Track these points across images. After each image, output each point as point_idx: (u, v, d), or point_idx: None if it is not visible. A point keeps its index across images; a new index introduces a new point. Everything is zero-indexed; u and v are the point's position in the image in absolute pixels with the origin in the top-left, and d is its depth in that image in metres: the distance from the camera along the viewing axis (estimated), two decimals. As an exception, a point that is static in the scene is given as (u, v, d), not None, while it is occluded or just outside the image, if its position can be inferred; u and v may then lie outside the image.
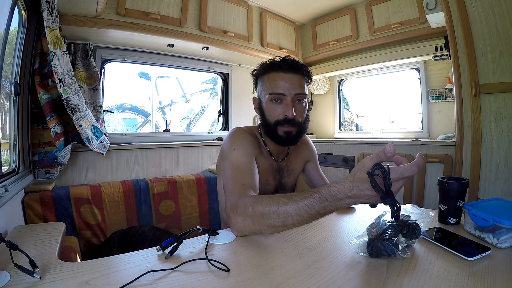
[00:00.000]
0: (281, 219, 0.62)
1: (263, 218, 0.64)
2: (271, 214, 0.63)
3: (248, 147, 0.87)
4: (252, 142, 0.90)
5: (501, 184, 1.43)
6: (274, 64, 0.89)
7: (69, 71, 1.43)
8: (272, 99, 0.88)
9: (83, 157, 1.70)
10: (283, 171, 1.01)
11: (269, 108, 0.89)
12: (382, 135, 2.44)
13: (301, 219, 0.61)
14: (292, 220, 0.61)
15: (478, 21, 1.44)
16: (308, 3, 2.34)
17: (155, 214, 1.73)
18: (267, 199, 0.65)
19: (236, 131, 0.92)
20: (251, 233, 0.68)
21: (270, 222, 0.63)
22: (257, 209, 0.65)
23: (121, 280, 0.48)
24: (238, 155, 0.84)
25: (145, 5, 1.69)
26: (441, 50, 1.88)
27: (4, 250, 0.57)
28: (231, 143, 0.87)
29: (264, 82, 0.91)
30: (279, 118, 0.87)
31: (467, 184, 0.75)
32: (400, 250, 0.56)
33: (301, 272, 0.52)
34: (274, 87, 0.87)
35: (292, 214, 0.61)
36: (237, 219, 0.67)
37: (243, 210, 0.67)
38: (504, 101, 1.41)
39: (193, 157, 2.16)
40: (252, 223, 0.65)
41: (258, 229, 0.66)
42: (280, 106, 0.87)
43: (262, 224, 0.64)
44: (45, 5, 1.25)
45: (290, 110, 0.86)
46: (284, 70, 0.87)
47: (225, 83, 2.52)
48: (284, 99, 0.87)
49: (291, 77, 0.87)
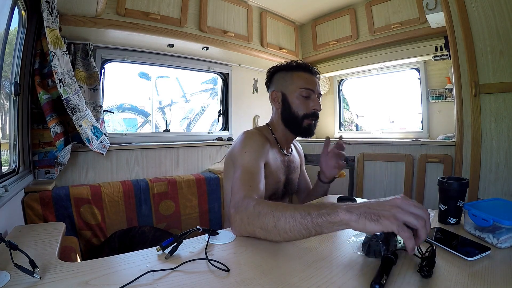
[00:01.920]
0: (275, 220, 0.60)
1: (259, 218, 0.63)
2: (267, 215, 0.62)
3: (259, 151, 0.91)
4: (263, 144, 0.94)
5: (501, 184, 1.43)
6: (302, 65, 1.01)
7: (69, 71, 1.43)
8: (302, 94, 0.98)
9: (83, 157, 1.70)
10: (290, 166, 1.08)
11: (298, 102, 0.98)
12: (382, 135, 2.44)
13: (293, 224, 0.57)
14: (285, 225, 0.58)
15: (478, 21, 1.44)
16: (308, 3, 2.34)
17: (155, 214, 1.73)
18: (270, 202, 0.66)
19: (247, 135, 0.96)
20: (246, 233, 0.67)
21: (263, 223, 0.62)
22: (257, 209, 0.65)
23: (121, 280, 0.48)
24: (248, 157, 0.87)
25: (145, 5, 1.69)
26: (441, 50, 1.88)
27: (4, 250, 0.57)
28: (243, 146, 0.91)
29: (292, 78, 1.00)
30: (308, 112, 0.98)
31: (467, 184, 0.75)
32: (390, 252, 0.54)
33: (301, 272, 0.52)
34: (306, 84, 0.98)
35: (286, 216, 0.59)
36: (236, 217, 0.68)
37: (244, 209, 0.67)
38: (504, 101, 1.41)
39: (193, 157, 2.17)
40: (247, 223, 0.65)
41: (252, 229, 0.65)
42: (310, 101, 0.98)
43: (256, 225, 0.63)
44: (45, 5, 1.25)
45: (319, 105, 0.99)
46: (312, 72, 1.02)
47: (225, 83, 2.52)
48: (311, 95, 0.99)
49: (314, 79, 1.01)
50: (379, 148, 2.05)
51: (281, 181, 1.03)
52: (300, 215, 0.57)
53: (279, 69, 1.04)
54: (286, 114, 1.01)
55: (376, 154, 2.05)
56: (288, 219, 0.58)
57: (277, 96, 1.02)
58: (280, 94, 1.01)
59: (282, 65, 1.04)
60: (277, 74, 1.04)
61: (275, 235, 0.61)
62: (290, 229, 0.58)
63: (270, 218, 0.61)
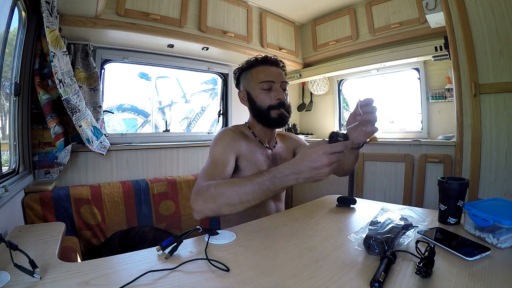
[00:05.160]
0: (239, 196, 0.70)
1: (224, 197, 0.72)
2: (231, 193, 0.71)
3: (228, 144, 0.95)
4: (233, 138, 0.98)
5: (501, 184, 1.42)
6: (259, 59, 1.03)
7: (69, 71, 1.43)
8: (263, 87, 1.00)
9: (83, 158, 1.70)
10: (277, 160, 1.07)
11: (261, 96, 1.00)
12: (382, 135, 2.44)
13: (255, 195, 0.70)
14: (247, 197, 0.70)
15: (478, 21, 1.45)
16: (308, 3, 2.34)
17: (155, 215, 1.73)
18: (228, 181, 0.77)
19: (221, 131, 1.03)
20: (211, 213, 0.74)
21: (229, 200, 0.71)
22: (219, 189, 0.73)
23: (121, 280, 0.48)
24: (217, 151, 0.94)
25: (145, 5, 1.69)
26: (440, 50, 1.88)
27: (4, 250, 0.57)
28: (214, 141, 0.98)
29: (252, 75, 1.03)
30: (272, 103, 0.99)
31: (467, 184, 0.75)
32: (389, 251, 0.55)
33: (301, 272, 0.52)
34: (264, 77, 1.00)
35: (247, 192, 0.70)
36: (199, 199, 0.75)
37: (205, 191, 0.75)
38: (504, 101, 1.41)
39: (193, 157, 2.17)
40: (213, 202, 0.73)
41: (218, 208, 0.73)
42: (271, 92, 1.00)
43: (222, 203, 0.72)
44: (45, 6, 1.25)
45: (282, 94, 0.99)
46: (270, 64, 1.03)
47: (225, 84, 2.52)
48: (273, 86, 1.00)
49: (275, 69, 1.03)
50: (379, 148, 2.05)
51: None
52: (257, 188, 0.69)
53: (242, 69, 1.07)
54: (254, 111, 1.03)
55: (376, 154, 2.05)
56: (250, 195, 0.70)
57: (244, 96, 1.06)
58: (245, 93, 1.05)
59: (243, 65, 1.07)
60: (242, 74, 1.07)
61: (241, 207, 0.72)
62: (253, 199, 0.70)
63: (234, 194, 0.71)
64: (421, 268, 0.48)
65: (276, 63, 1.05)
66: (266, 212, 1.02)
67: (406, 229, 0.63)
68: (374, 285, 0.44)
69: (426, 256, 0.51)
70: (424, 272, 0.48)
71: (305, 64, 2.77)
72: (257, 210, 0.95)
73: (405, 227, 0.63)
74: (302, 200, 2.35)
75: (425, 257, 0.51)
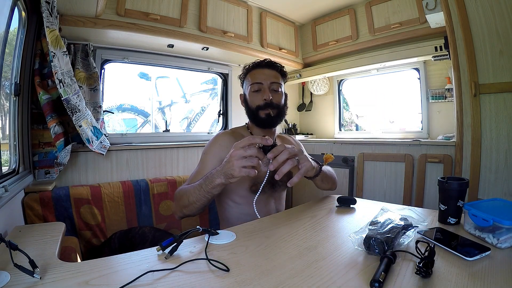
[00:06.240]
0: (187, 198, 0.82)
1: (181, 200, 0.85)
2: (183, 196, 0.84)
3: (218, 154, 0.98)
4: (226, 146, 0.98)
5: (501, 184, 1.42)
6: (254, 64, 1.10)
7: (69, 71, 1.43)
8: (253, 90, 1.05)
9: (83, 158, 1.70)
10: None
11: (251, 98, 1.07)
12: (382, 135, 2.44)
13: (196, 196, 0.80)
14: (192, 198, 0.81)
15: (478, 21, 1.45)
16: (308, 3, 2.34)
17: (155, 215, 1.73)
18: (188, 186, 0.87)
19: (215, 136, 1.07)
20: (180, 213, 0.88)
21: (183, 202, 0.84)
22: (180, 193, 0.86)
23: (121, 280, 0.48)
24: (205, 159, 1.00)
25: (145, 5, 1.69)
26: (440, 50, 1.88)
27: (4, 250, 0.57)
28: (207, 147, 1.04)
29: (247, 79, 1.10)
30: (260, 103, 1.03)
31: (467, 184, 0.75)
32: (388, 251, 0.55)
33: (301, 272, 0.52)
34: (254, 79, 1.06)
35: (192, 194, 0.81)
36: (174, 203, 0.89)
37: (176, 195, 0.89)
38: (504, 101, 1.41)
39: (193, 157, 2.16)
40: (176, 205, 0.88)
41: (180, 210, 0.86)
42: (260, 93, 1.05)
43: (180, 205, 0.85)
44: (45, 6, 1.25)
45: (267, 94, 1.03)
46: (262, 67, 1.08)
47: (225, 84, 2.52)
48: (262, 87, 1.05)
49: (268, 71, 1.07)
50: (379, 148, 2.05)
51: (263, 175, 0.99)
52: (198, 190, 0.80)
53: (244, 74, 1.14)
54: (248, 112, 1.10)
55: (376, 154, 2.05)
56: (193, 196, 0.81)
57: (241, 99, 1.13)
58: (243, 96, 1.13)
59: (244, 70, 1.13)
60: (244, 79, 1.14)
61: (191, 207, 0.83)
62: (197, 200, 0.81)
63: (185, 196, 0.84)
64: (421, 268, 0.48)
65: (269, 65, 1.08)
66: (266, 212, 1.02)
67: (406, 229, 0.63)
68: (374, 285, 0.44)
69: (426, 256, 0.51)
70: (424, 272, 0.48)
71: (305, 64, 2.77)
72: (257, 210, 0.95)
73: (405, 227, 0.63)
74: (302, 200, 2.35)
75: (425, 257, 0.51)
